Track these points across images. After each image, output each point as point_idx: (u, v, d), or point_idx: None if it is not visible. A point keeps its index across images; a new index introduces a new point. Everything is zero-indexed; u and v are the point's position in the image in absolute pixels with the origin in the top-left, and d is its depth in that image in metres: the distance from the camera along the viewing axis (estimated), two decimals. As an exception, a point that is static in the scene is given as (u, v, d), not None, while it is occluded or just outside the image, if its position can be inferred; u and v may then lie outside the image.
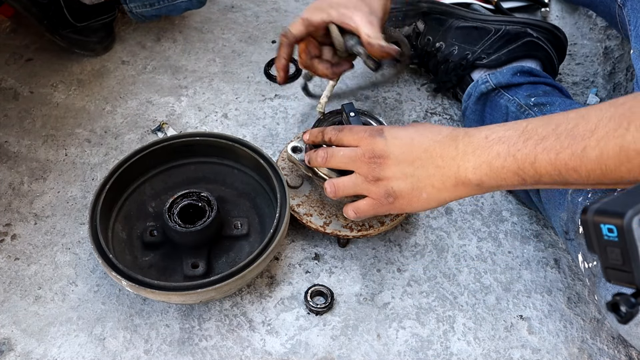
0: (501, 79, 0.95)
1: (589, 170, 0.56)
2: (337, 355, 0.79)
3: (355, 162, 0.70)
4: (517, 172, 0.60)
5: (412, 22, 1.07)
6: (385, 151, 0.68)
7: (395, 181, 0.68)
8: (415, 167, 0.67)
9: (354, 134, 0.72)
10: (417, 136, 0.68)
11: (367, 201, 0.72)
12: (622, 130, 0.53)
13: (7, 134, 1.02)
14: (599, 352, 0.80)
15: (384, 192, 0.69)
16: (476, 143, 0.63)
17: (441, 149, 0.65)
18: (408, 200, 0.68)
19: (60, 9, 1.06)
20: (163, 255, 0.84)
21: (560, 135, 0.57)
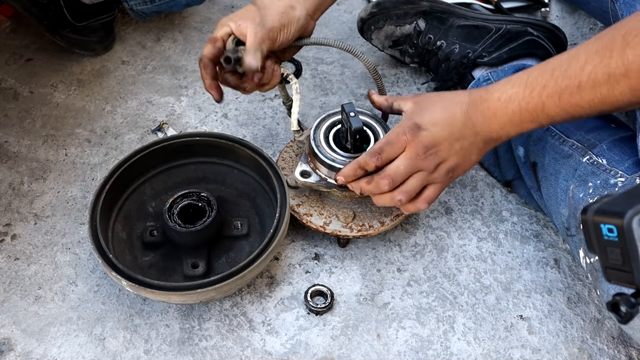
0: (502, 76, 0.95)
1: (589, 101, 0.64)
2: (337, 355, 0.79)
3: (416, 164, 0.73)
4: (533, 120, 0.69)
5: (413, 20, 1.06)
6: (434, 140, 0.73)
7: (451, 159, 0.74)
8: (461, 140, 0.73)
9: (394, 145, 0.74)
10: (448, 114, 0.74)
11: (434, 187, 0.76)
12: (606, 60, 0.61)
13: (7, 134, 1.02)
14: (599, 352, 0.80)
15: (445, 172, 0.75)
16: (493, 107, 0.71)
17: (472, 118, 0.72)
18: (463, 167, 0.76)
19: (60, 8, 1.06)
20: (163, 255, 0.84)
21: (558, 79, 0.65)
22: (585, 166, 0.78)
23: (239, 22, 0.81)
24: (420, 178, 0.74)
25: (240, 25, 0.81)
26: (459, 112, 0.73)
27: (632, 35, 0.60)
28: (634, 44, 0.59)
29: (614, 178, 0.74)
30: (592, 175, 0.76)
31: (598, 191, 0.74)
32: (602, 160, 0.76)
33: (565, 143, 0.82)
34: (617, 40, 0.61)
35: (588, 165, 0.77)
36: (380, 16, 1.08)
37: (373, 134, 0.85)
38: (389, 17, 1.08)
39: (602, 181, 0.75)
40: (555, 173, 0.82)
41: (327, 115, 0.88)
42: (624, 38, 0.60)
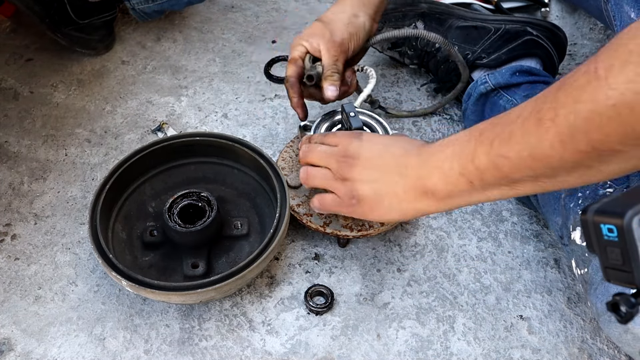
0: (500, 79, 0.95)
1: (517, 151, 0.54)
2: (337, 355, 0.79)
3: (328, 157, 0.73)
4: (462, 173, 0.60)
5: (412, 22, 1.06)
6: (357, 152, 0.70)
7: (360, 184, 0.69)
8: (382, 173, 0.68)
9: (335, 136, 0.75)
10: (391, 144, 0.69)
11: (332, 197, 0.73)
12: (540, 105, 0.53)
13: (7, 134, 1.02)
14: (599, 352, 0.80)
15: (348, 192, 0.70)
16: (433, 150, 0.64)
17: (407, 159, 0.66)
18: (370, 206, 0.69)
19: (63, 5, 1.06)
20: (163, 255, 0.84)
21: (495, 125, 0.58)
22: None
23: (310, 40, 0.86)
24: (324, 173, 0.73)
25: (313, 43, 0.86)
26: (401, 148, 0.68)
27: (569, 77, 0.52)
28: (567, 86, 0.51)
29: (602, 189, 0.74)
30: (581, 185, 0.76)
31: (587, 201, 0.74)
32: None
33: None
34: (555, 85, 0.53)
35: None
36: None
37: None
38: (387, 19, 1.08)
39: (591, 191, 0.75)
40: None
41: (328, 116, 0.88)
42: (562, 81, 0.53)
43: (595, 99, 0.48)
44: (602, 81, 0.47)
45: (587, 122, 0.49)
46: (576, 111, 0.49)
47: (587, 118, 0.48)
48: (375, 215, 0.70)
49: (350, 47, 0.88)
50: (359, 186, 0.69)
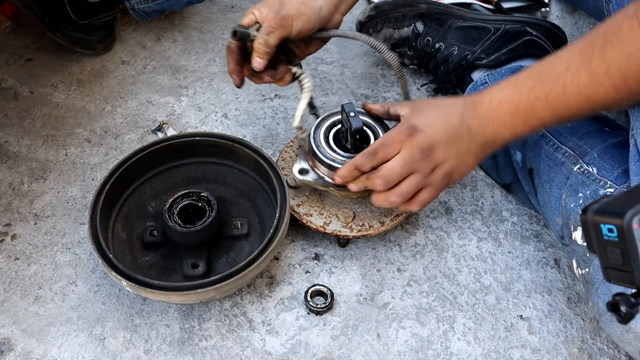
0: (499, 79, 0.95)
1: (575, 102, 0.63)
2: (337, 355, 0.79)
3: (411, 165, 0.73)
4: (525, 123, 0.69)
5: (411, 23, 1.06)
6: (431, 142, 0.72)
7: (447, 162, 0.73)
8: (457, 143, 0.73)
9: (389, 146, 0.73)
10: (445, 117, 0.73)
11: (429, 190, 0.75)
12: (587, 59, 0.61)
13: (7, 134, 1.02)
14: (599, 352, 0.80)
15: (441, 176, 0.74)
16: (486, 111, 0.71)
17: (468, 121, 0.72)
18: (460, 171, 0.75)
19: (63, 5, 1.06)
20: (163, 255, 0.84)
21: (544, 80, 0.65)
22: (576, 175, 0.78)
23: (261, 9, 0.81)
24: (416, 180, 0.74)
25: (263, 12, 0.81)
26: (455, 115, 0.73)
27: (611, 32, 0.59)
28: (613, 42, 0.59)
29: (603, 189, 0.74)
30: (582, 185, 0.76)
31: (588, 202, 0.74)
32: (593, 169, 0.76)
33: (558, 150, 0.81)
34: (598, 39, 0.60)
35: (579, 175, 0.77)
36: (378, 19, 1.08)
37: (373, 134, 0.85)
38: (387, 19, 1.08)
39: (591, 192, 0.75)
40: (550, 181, 0.82)
41: (327, 115, 0.88)
42: (604, 36, 0.60)
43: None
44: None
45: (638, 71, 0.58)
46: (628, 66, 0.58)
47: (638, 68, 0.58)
48: (463, 175, 0.77)
49: (295, 25, 0.80)
50: (447, 165, 0.74)
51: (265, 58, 0.81)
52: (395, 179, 0.73)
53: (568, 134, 0.82)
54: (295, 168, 0.84)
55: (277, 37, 0.80)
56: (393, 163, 0.73)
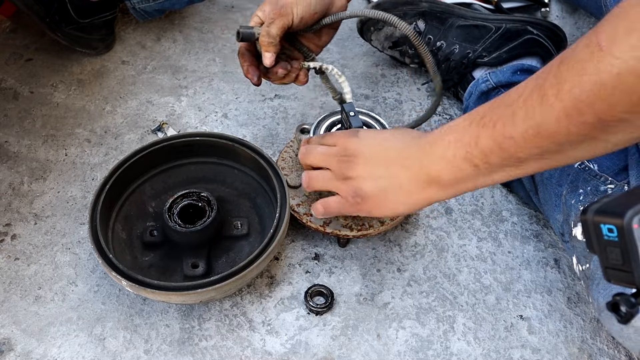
0: (501, 77, 0.96)
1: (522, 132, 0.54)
2: (337, 355, 0.79)
3: (328, 158, 0.72)
4: (467, 157, 0.60)
5: (413, 21, 1.06)
6: (357, 150, 0.69)
7: (363, 181, 0.68)
8: (384, 168, 0.66)
9: (333, 136, 0.75)
10: (390, 138, 0.68)
11: (336, 199, 0.72)
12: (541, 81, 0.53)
13: (7, 134, 1.02)
14: (599, 352, 0.80)
15: (352, 191, 0.69)
16: (433, 138, 0.63)
17: (408, 150, 0.65)
18: (376, 203, 0.68)
19: (64, 5, 1.06)
20: (163, 255, 0.84)
21: (496, 108, 0.58)
22: (577, 171, 0.78)
23: (264, 7, 0.79)
24: (326, 175, 0.72)
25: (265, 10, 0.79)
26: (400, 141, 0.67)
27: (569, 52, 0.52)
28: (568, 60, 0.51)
29: (603, 185, 0.74)
30: (583, 182, 0.76)
31: (589, 198, 0.74)
32: (593, 166, 0.76)
33: None
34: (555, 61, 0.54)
35: (580, 171, 0.77)
36: (379, 17, 1.08)
37: (373, 134, 0.85)
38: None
39: (592, 188, 0.75)
40: (550, 177, 0.82)
41: (327, 115, 0.88)
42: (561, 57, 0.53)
43: (599, 70, 0.48)
44: (605, 51, 0.48)
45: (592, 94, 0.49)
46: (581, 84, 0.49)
47: (592, 90, 0.49)
48: (382, 212, 0.69)
49: (295, 12, 0.77)
50: (362, 184, 0.68)
51: (272, 50, 0.79)
52: (311, 158, 0.74)
53: None
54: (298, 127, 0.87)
55: (278, 26, 0.77)
56: (320, 147, 0.74)
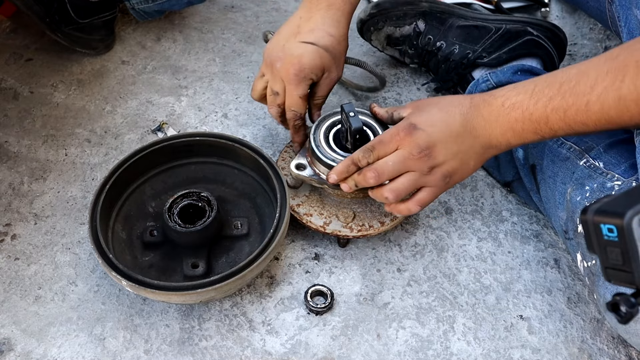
0: (501, 77, 0.95)
1: (595, 121, 0.63)
2: (337, 355, 0.79)
3: (406, 163, 0.72)
4: (536, 132, 0.68)
5: (413, 21, 1.06)
6: (429, 141, 0.71)
7: (447, 163, 0.72)
8: (459, 143, 0.72)
9: (386, 143, 0.73)
10: (447, 116, 0.72)
11: (428, 191, 0.74)
12: (618, 83, 0.60)
13: (7, 134, 1.02)
14: (599, 352, 0.80)
15: (441, 177, 0.73)
16: (496, 112, 0.69)
17: (472, 121, 0.71)
18: (461, 173, 0.74)
19: (64, 5, 1.06)
20: (163, 255, 0.84)
21: (565, 94, 0.64)
22: (582, 169, 0.78)
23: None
24: (412, 178, 0.73)
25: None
26: (458, 114, 0.72)
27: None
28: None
29: (610, 181, 0.74)
30: (588, 179, 0.76)
31: (595, 194, 0.74)
32: (599, 164, 0.76)
33: (563, 145, 0.81)
34: (630, 65, 0.59)
35: (585, 169, 0.77)
36: (379, 17, 1.08)
37: (373, 133, 0.85)
38: (388, 18, 1.08)
39: (598, 184, 0.75)
40: (553, 176, 0.82)
41: (327, 115, 0.88)
42: (638, 64, 0.59)
43: None
44: None
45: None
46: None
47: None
48: (465, 176, 0.75)
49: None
50: (447, 165, 0.72)
51: None
52: (387, 174, 0.73)
53: None
54: (293, 162, 0.84)
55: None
56: (387, 158, 0.73)
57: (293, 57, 0.83)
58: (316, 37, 0.83)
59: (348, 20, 0.87)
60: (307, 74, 0.84)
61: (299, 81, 0.84)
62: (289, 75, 0.83)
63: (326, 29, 0.84)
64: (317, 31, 0.84)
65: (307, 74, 0.84)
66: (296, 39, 0.84)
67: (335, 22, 0.85)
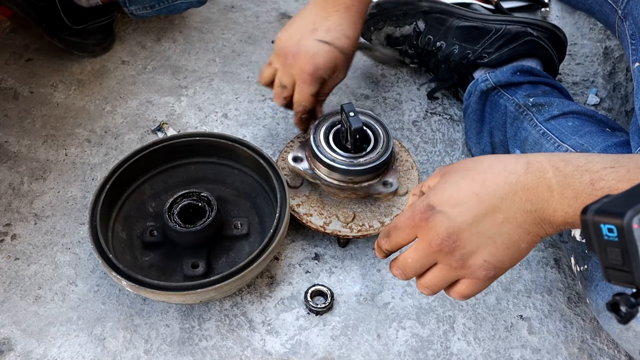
0: (501, 77, 0.95)
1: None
2: (337, 355, 0.79)
3: (429, 257, 0.57)
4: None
5: (413, 21, 1.06)
6: (452, 226, 0.55)
7: (484, 251, 0.55)
8: (499, 223, 0.54)
9: (401, 229, 0.58)
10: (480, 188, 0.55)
11: (467, 283, 0.58)
12: None
13: (7, 134, 1.02)
14: (599, 352, 0.80)
15: (481, 270, 0.56)
16: (578, 188, 0.52)
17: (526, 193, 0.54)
18: (510, 259, 0.56)
19: (57, 12, 1.06)
20: (163, 255, 0.84)
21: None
22: None
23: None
24: (442, 274, 0.58)
25: None
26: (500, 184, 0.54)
27: None
28: None
29: None
30: None
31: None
32: None
33: (559, 148, 0.81)
34: None
35: None
36: (379, 17, 1.08)
37: (373, 133, 0.85)
38: (388, 17, 1.08)
39: None
40: None
41: (327, 116, 0.88)
42: None
43: None
44: None
45: None
46: None
47: None
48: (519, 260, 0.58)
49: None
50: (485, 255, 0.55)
51: None
52: (411, 271, 0.59)
53: (569, 133, 0.82)
54: (291, 155, 0.85)
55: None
56: (406, 254, 0.59)
57: (308, 55, 0.82)
58: (332, 37, 0.83)
59: (363, 21, 0.87)
60: (321, 74, 0.84)
61: (312, 81, 0.84)
62: (302, 73, 0.83)
63: (344, 31, 0.83)
64: (334, 31, 0.83)
65: (321, 74, 0.84)
66: (312, 35, 0.83)
67: (352, 23, 0.84)
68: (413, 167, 0.92)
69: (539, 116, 0.87)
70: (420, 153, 1.02)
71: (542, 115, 0.87)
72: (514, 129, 0.91)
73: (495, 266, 0.56)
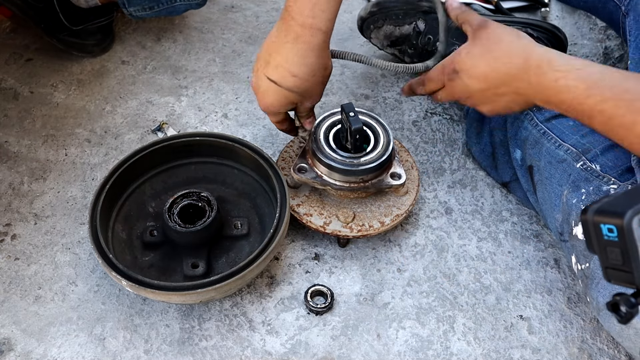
0: None
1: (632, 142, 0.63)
2: (337, 355, 0.79)
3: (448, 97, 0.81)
4: (577, 116, 0.68)
5: (413, 21, 1.06)
6: (469, 91, 0.76)
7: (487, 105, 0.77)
8: (500, 94, 0.74)
9: (433, 82, 0.82)
10: (491, 71, 0.74)
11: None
12: None
13: (7, 134, 1.02)
14: (599, 352, 0.80)
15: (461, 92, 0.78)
16: (546, 84, 0.69)
17: (517, 80, 0.72)
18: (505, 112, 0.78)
19: (56, 13, 1.06)
20: (163, 255, 0.84)
21: (619, 103, 0.63)
22: (578, 172, 0.78)
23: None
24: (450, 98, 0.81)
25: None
26: (505, 70, 0.72)
27: None
28: None
29: (606, 185, 0.74)
30: (585, 181, 0.76)
31: (591, 197, 0.74)
32: (596, 166, 0.76)
33: (560, 147, 0.82)
34: None
35: (582, 171, 0.77)
36: (379, 15, 1.08)
37: (373, 133, 0.85)
38: (388, 16, 1.08)
39: (594, 187, 0.75)
40: (550, 177, 0.82)
41: (327, 115, 0.88)
42: None
43: None
44: None
45: None
46: None
47: None
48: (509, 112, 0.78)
49: None
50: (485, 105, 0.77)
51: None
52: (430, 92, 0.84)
53: (570, 132, 0.82)
54: (294, 166, 0.84)
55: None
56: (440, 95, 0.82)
57: (259, 91, 0.81)
58: (279, 76, 0.77)
59: (318, 51, 0.77)
60: (275, 110, 0.83)
61: (270, 114, 0.84)
62: (260, 106, 0.83)
63: (289, 68, 0.76)
64: (280, 69, 0.77)
65: (275, 110, 0.83)
66: (265, 70, 0.78)
67: (301, 58, 0.76)
68: (413, 167, 0.92)
69: (540, 115, 0.87)
70: (420, 153, 1.02)
71: (542, 114, 0.87)
72: (514, 128, 0.91)
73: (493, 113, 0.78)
